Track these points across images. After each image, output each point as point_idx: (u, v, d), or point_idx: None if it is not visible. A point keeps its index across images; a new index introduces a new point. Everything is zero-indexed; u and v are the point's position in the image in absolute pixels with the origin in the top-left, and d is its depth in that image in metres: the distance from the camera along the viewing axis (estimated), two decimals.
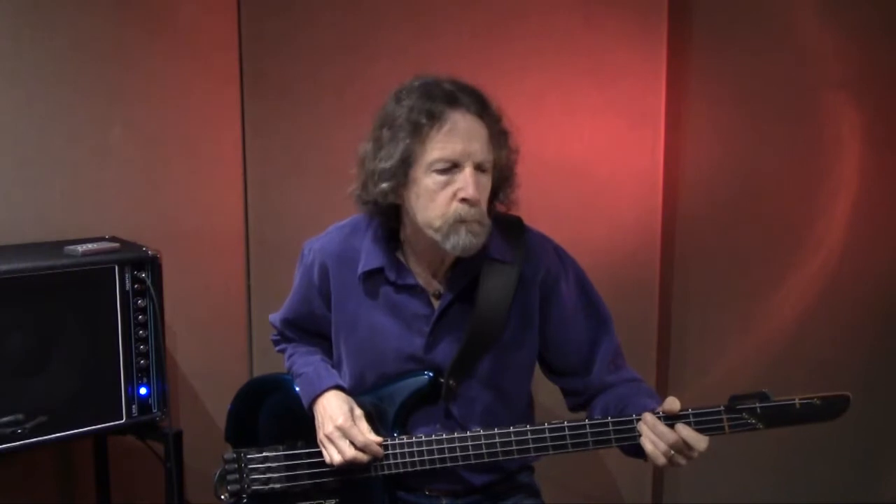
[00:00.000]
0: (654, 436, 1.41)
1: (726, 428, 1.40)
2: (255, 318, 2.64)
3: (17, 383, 1.84)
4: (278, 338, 1.87)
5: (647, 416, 1.42)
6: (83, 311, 1.93)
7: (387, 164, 1.50)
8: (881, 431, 2.30)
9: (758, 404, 1.38)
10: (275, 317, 1.86)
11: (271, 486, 1.68)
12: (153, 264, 2.00)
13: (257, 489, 1.69)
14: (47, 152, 2.20)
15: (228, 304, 2.61)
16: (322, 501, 1.67)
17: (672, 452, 1.40)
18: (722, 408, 1.40)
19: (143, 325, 2.00)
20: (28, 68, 2.14)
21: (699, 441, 1.39)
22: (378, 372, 1.65)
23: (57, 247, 2.00)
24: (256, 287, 2.63)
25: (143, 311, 2.00)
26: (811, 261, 2.31)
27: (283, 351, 1.85)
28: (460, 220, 1.48)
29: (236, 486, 1.70)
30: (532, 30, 2.35)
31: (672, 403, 1.40)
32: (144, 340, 2.00)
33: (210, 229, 2.53)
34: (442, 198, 1.48)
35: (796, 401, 1.37)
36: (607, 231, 2.39)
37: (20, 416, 1.79)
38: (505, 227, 1.63)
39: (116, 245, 2.04)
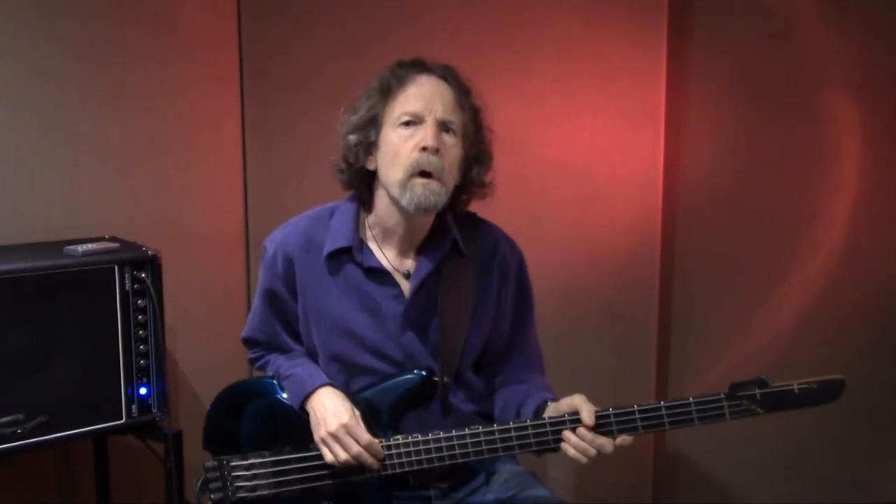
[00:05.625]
0: (585, 446, 1.48)
1: (727, 415, 1.44)
2: None
3: (18, 383, 1.84)
4: (256, 354, 1.83)
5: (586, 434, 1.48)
6: (83, 311, 1.93)
7: (355, 118, 1.64)
8: (881, 431, 2.30)
9: (757, 391, 1.42)
10: (248, 330, 1.82)
11: (259, 492, 1.65)
12: (153, 264, 2.00)
13: (243, 496, 1.66)
14: (47, 152, 2.20)
15: (228, 304, 2.61)
16: None
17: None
18: (722, 395, 1.44)
19: (143, 325, 2.00)
20: (28, 68, 2.14)
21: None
22: (351, 355, 1.65)
23: (57, 247, 2.00)
24: (256, 287, 2.63)
25: (143, 311, 1.99)
26: (811, 261, 2.31)
27: (264, 365, 1.82)
28: (420, 173, 1.54)
29: (219, 494, 1.66)
30: (532, 30, 2.35)
31: (589, 418, 1.47)
32: (144, 340, 2.00)
33: (210, 229, 2.53)
34: (405, 150, 1.56)
35: (794, 386, 1.42)
36: (607, 231, 2.39)
37: (20, 416, 1.80)
38: (462, 221, 1.70)
39: (116, 245, 2.04)
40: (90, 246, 1.98)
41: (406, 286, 1.65)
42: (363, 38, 2.44)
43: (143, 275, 1.98)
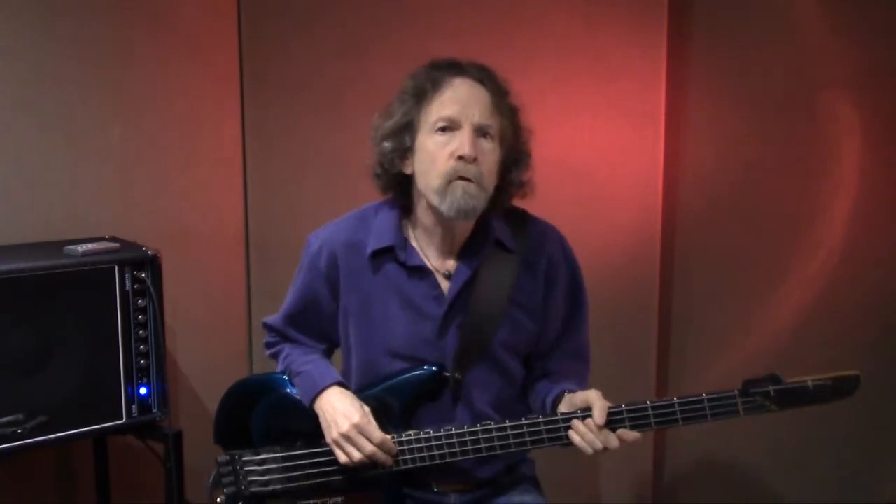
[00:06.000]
0: (592, 437, 1.48)
1: (741, 411, 1.44)
2: (255, 318, 2.64)
3: (18, 383, 1.84)
4: (274, 339, 1.83)
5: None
6: (83, 311, 1.92)
7: (390, 124, 1.60)
8: (881, 431, 2.30)
9: (771, 387, 1.42)
10: (273, 318, 1.83)
11: (272, 487, 1.66)
12: (153, 264, 2.00)
13: (256, 491, 1.67)
14: (47, 152, 2.20)
15: (228, 304, 2.61)
16: (327, 500, 1.66)
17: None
18: (736, 392, 1.44)
19: (143, 325, 2.00)
20: (28, 68, 2.14)
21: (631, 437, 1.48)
22: (389, 358, 1.64)
23: (57, 247, 2.00)
24: (256, 287, 2.63)
25: (143, 311, 1.99)
26: (811, 260, 2.31)
27: (277, 354, 1.81)
28: (457, 178, 1.52)
29: (233, 489, 1.67)
30: (532, 30, 2.35)
31: (600, 417, 1.46)
32: (144, 340, 2.00)
33: (210, 229, 2.53)
34: (441, 157, 1.53)
35: (809, 382, 1.41)
36: (607, 231, 2.39)
37: (20, 416, 1.80)
38: (511, 217, 1.68)
39: (116, 245, 2.04)
40: (90, 246, 1.98)
41: (446, 286, 1.63)
42: (363, 38, 2.44)
43: (143, 275, 1.98)
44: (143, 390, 2.02)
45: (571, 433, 1.49)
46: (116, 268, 1.96)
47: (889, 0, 2.18)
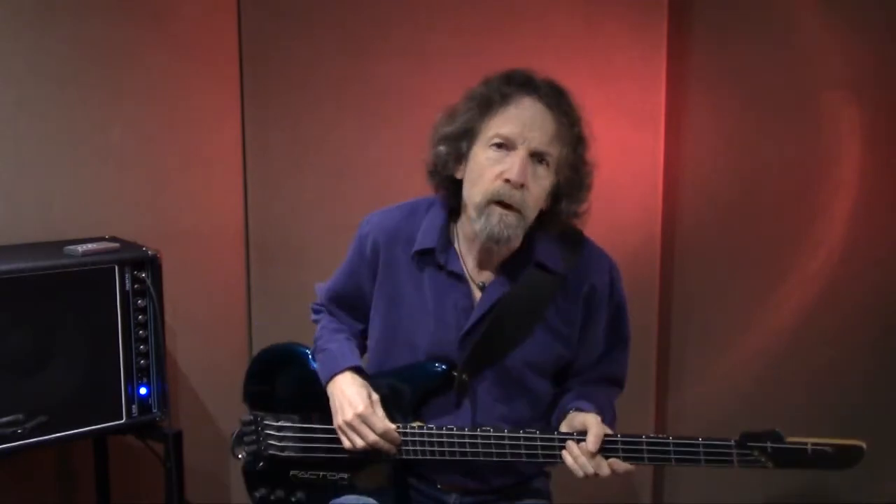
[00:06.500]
0: (584, 461, 1.47)
1: (735, 462, 1.41)
2: (255, 319, 2.64)
3: (17, 383, 1.84)
4: (319, 307, 1.85)
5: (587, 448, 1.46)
6: (83, 311, 1.93)
7: (449, 129, 1.57)
8: (881, 431, 2.30)
9: (769, 444, 1.38)
10: (321, 287, 1.83)
11: (287, 453, 1.72)
12: (153, 264, 2.00)
13: (274, 454, 1.73)
14: (47, 152, 2.20)
15: (228, 304, 2.61)
16: (334, 474, 1.71)
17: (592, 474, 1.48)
18: (733, 442, 1.41)
19: (143, 325, 2.00)
20: (28, 68, 2.14)
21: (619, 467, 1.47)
22: (410, 352, 1.64)
23: (57, 247, 2.00)
24: (256, 287, 2.63)
25: (143, 311, 1.99)
26: (811, 261, 2.31)
27: (317, 321, 1.83)
28: (497, 201, 1.49)
29: (253, 447, 1.74)
30: (532, 30, 2.35)
31: (593, 445, 1.45)
32: (144, 340, 2.00)
33: (210, 229, 2.53)
34: (489, 174, 1.50)
35: (808, 446, 1.38)
36: (607, 231, 2.36)
37: (20, 416, 1.80)
38: (565, 237, 1.63)
39: (116, 245, 2.04)
40: (90, 246, 1.98)
41: (479, 297, 1.61)
42: (363, 38, 2.44)
43: (143, 275, 1.98)
44: (143, 390, 2.02)
45: (564, 453, 1.48)
46: (116, 268, 1.96)
47: (889, 0, 2.18)
